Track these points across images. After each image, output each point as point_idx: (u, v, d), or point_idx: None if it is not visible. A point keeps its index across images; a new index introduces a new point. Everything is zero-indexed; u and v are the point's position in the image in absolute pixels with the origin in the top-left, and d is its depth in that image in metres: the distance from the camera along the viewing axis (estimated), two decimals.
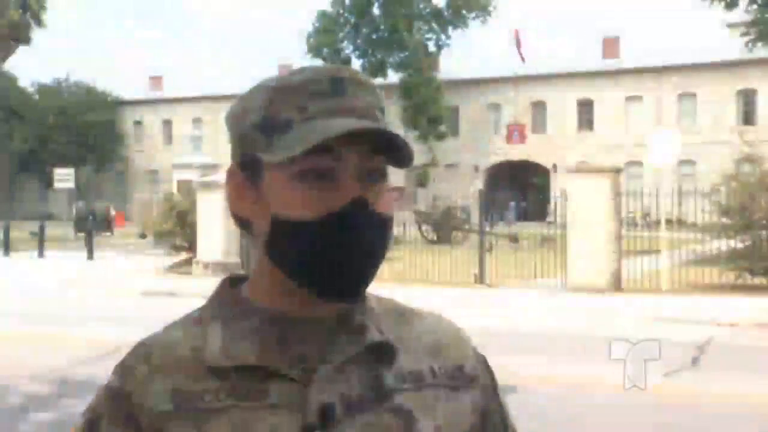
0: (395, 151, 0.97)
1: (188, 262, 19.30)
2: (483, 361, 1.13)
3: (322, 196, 0.95)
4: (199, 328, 1.02)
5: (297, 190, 0.95)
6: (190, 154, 27.18)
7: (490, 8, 49.28)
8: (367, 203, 0.95)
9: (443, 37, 49.76)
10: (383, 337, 1.02)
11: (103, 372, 1.05)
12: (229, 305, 1.04)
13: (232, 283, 1.08)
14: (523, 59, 49.20)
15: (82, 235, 29.12)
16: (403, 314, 1.10)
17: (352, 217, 0.95)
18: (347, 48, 51.15)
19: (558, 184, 38.37)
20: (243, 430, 0.93)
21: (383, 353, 1.02)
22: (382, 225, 0.98)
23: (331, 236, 0.95)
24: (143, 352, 1.00)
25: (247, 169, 1.01)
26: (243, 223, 1.04)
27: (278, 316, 1.01)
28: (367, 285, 1.00)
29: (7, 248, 25.47)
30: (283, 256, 0.98)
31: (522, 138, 49.41)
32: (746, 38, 28.41)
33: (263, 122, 0.98)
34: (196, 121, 56.85)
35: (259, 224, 1.00)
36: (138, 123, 60.60)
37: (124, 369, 1.00)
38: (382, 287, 1.09)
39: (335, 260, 0.95)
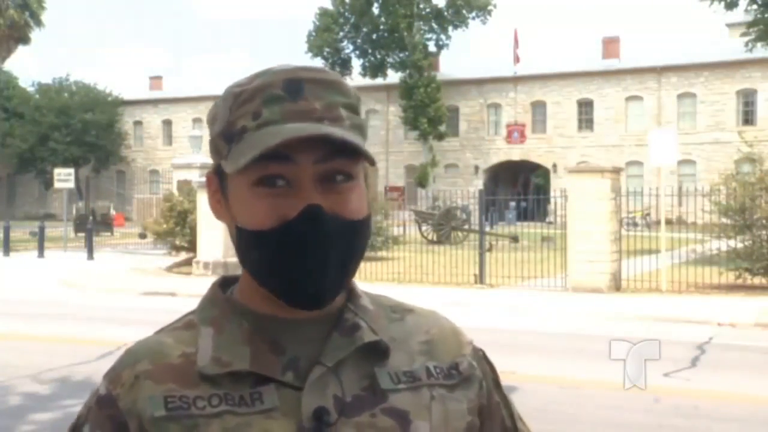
0: (352, 153, 0.95)
1: (188, 262, 19.30)
2: (482, 356, 1.12)
3: (277, 205, 0.94)
4: (190, 332, 1.01)
5: (254, 199, 0.95)
6: (190, 154, 27.11)
7: (490, 8, 49.27)
8: (321, 210, 0.93)
9: (443, 37, 49.76)
10: (376, 336, 1.01)
11: (103, 372, 1.05)
12: (220, 309, 1.03)
13: (224, 285, 1.08)
14: (517, 59, 49.19)
15: (82, 235, 29.11)
16: (396, 312, 1.09)
17: (306, 225, 0.93)
18: (347, 47, 51.17)
19: (558, 184, 38.35)
20: None
21: (378, 353, 1.01)
22: (345, 229, 0.96)
23: (286, 246, 0.94)
24: (131, 359, 0.99)
25: (218, 176, 1.01)
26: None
27: (270, 319, 1.00)
28: (335, 291, 0.98)
29: (7, 248, 25.45)
30: (249, 264, 0.98)
31: (522, 138, 49.41)
32: (746, 38, 28.40)
33: (224, 130, 0.98)
34: (196, 121, 56.83)
35: (231, 231, 1.01)
36: (138, 123, 60.59)
37: (112, 376, 0.99)
38: (382, 287, 1.09)
39: (295, 269, 0.94)
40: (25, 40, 35.37)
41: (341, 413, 0.95)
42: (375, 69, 49.69)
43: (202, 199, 18.26)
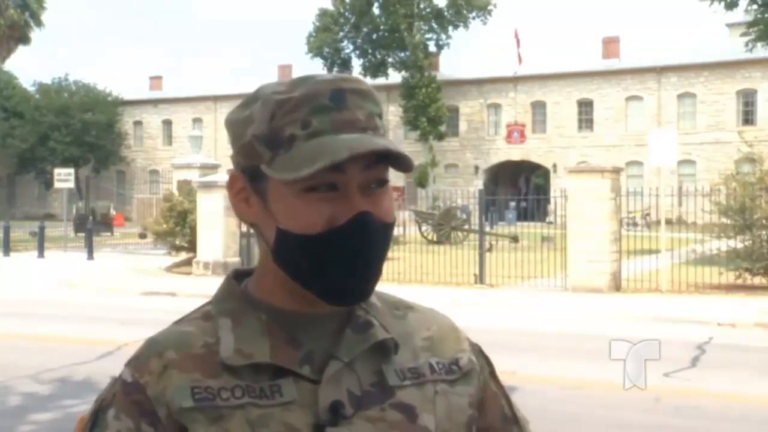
0: (396, 162, 1.00)
1: (188, 262, 19.29)
2: (478, 350, 1.16)
3: (326, 210, 0.97)
4: (209, 323, 1.04)
5: (302, 204, 0.98)
6: (190, 154, 27.13)
7: (490, 8, 49.25)
8: (371, 216, 0.98)
9: (443, 37, 49.74)
10: (388, 334, 1.05)
11: (104, 372, 1.05)
12: (237, 301, 1.06)
13: (237, 278, 1.10)
14: (520, 60, 49.15)
15: (82, 235, 29.11)
16: (399, 309, 1.13)
17: (357, 231, 0.97)
18: (347, 47, 51.16)
19: (558, 184, 38.36)
20: (259, 428, 0.96)
21: (386, 350, 1.05)
22: (385, 232, 1.01)
23: (334, 249, 0.97)
24: (156, 347, 1.02)
25: (250, 176, 1.03)
26: (249, 222, 1.07)
27: (286, 313, 1.04)
28: (373, 288, 1.03)
29: (7, 248, 25.45)
30: (289, 266, 1.01)
31: (522, 138, 49.41)
32: (746, 38, 28.40)
33: (267, 136, 0.99)
34: (196, 121, 56.85)
35: (266, 231, 1.03)
36: (138, 123, 60.59)
37: (137, 363, 1.01)
38: (382, 287, 1.10)
39: (340, 272, 0.98)
40: (25, 40, 35.34)
41: (355, 407, 0.99)
42: (375, 69, 49.68)
43: (202, 199, 18.27)
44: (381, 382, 1.02)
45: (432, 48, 49.82)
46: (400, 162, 0.99)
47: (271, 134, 0.99)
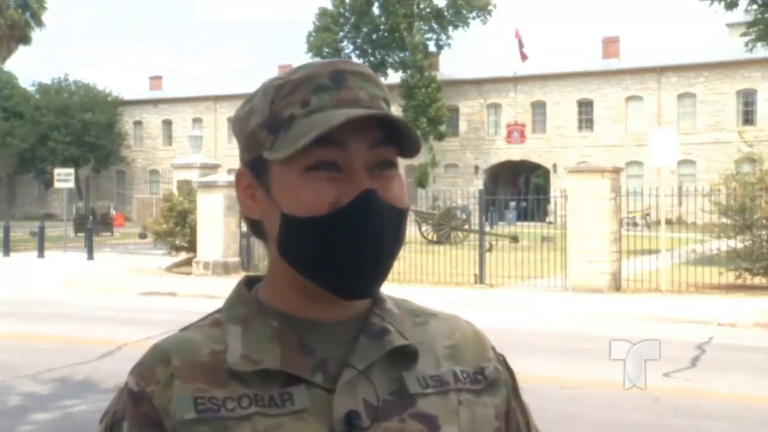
0: (402, 140, 0.96)
1: (188, 262, 19.29)
2: (503, 361, 1.12)
3: (330, 190, 0.93)
4: (218, 330, 1.00)
5: (305, 185, 0.94)
6: (190, 154, 27.13)
7: (490, 8, 49.26)
8: (377, 195, 0.93)
9: (443, 37, 49.76)
10: (406, 341, 1.00)
11: (104, 372, 1.05)
12: (247, 308, 1.02)
13: (248, 284, 1.06)
14: (525, 58, 49.11)
15: (82, 235, 29.11)
16: (419, 316, 1.08)
17: (362, 210, 0.93)
18: (347, 47, 51.19)
19: (558, 184, 38.35)
20: None
21: (405, 357, 1.00)
22: (394, 216, 0.96)
23: (340, 231, 0.93)
24: (161, 354, 0.97)
25: (255, 169, 0.99)
26: (254, 224, 1.03)
27: (297, 319, 0.99)
28: (381, 281, 0.97)
29: (7, 248, 25.45)
30: (294, 254, 0.96)
31: (522, 138, 49.40)
32: (746, 38, 28.40)
33: (268, 121, 0.97)
34: (196, 121, 56.83)
35: (271, 224, 0.99)
36: (138, 123, 60.58)
37: (143, 372, 0.97)
38: (382, 287, 1.08)
39: (346, 256, 0.93)
40: (25, 40, 35.31)
41: (372, 417, 0.94)
42: (375, 69, 49.65)
43: (202, 199, 18.27)
44: (401, 390, 0.97)
45: (432, 48, 49.84)
46: (407, 139, 0.95)
47: (271, 118, 0.97)
